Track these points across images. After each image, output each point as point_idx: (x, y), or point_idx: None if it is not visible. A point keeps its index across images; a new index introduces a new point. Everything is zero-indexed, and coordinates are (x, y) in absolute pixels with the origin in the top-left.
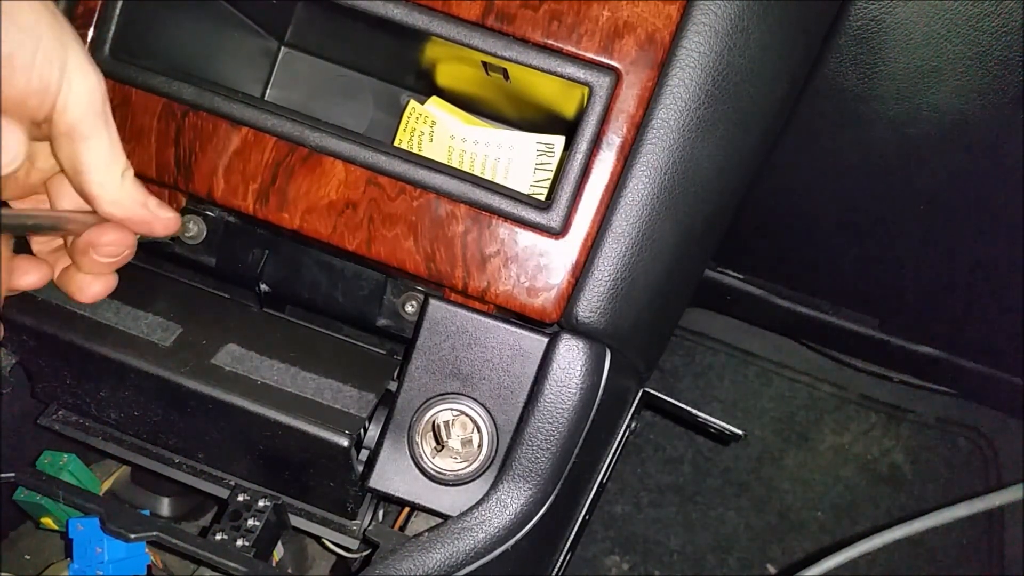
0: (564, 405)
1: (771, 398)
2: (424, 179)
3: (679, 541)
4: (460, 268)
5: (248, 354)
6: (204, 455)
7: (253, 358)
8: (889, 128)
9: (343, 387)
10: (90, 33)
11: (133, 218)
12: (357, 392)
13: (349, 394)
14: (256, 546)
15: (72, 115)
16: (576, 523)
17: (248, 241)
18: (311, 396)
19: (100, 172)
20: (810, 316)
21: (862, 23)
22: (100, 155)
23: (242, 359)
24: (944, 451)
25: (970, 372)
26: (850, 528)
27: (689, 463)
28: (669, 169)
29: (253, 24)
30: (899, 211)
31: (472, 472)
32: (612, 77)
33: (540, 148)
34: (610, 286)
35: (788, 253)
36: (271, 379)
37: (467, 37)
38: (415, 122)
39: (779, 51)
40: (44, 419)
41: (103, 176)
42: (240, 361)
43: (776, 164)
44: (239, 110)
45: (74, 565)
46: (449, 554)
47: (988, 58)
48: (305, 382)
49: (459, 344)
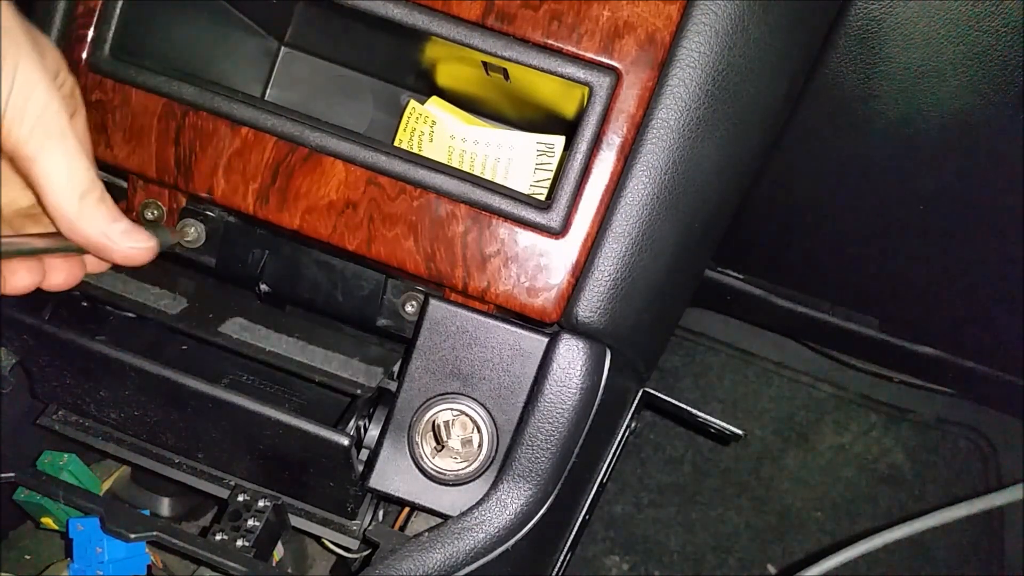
0: (564, 405)
1: (771, 398)
2: (424, 179)
3: (679, 541)
4: (460, 268)
5: (255, 326)
6: (204, 455)
7: (260, 329)
8: (889, 128)
9: (351, 360)
10: (90, 33)
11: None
12: (365, 366)
13: (357, 366)
14: (256, 546)
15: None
16: (576, 523)
17: (248, 241)
18: (320, 364)
19: (55, 194)
20: (810, 316)
21: (862, 23)
22: (54, 176)
23: (250, 328)
24: (944, 451)
25: (970, 372)
26: (850, 528)
27: (689, 463)
28: (669, 169)
29: (253, 24)
30: (899, 211)
31: (472, 472)
32: (612, 77)
33: (540, 148)
34: (610, 286)
35: (788, 253)
36: (280, 348)
37: (467, 37)
38: (415, 122)
39: (779, 51)
40: (44, 419)
41: (58, 198)
42: (248, 330)
43: (776, 164)
44: (239, 110)
45: (74, 565)
46: (449, 554)
47: (988, 58)
48: (314, 353)
49: (459, 344)
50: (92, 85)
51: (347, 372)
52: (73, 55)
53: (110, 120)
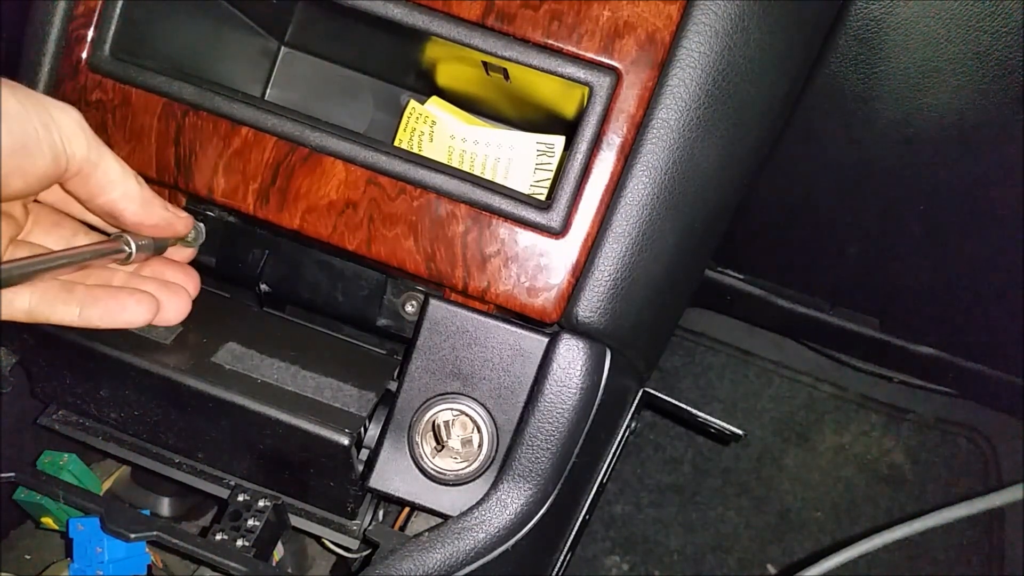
0: (564, 405)
1: (771, 398)
2: (424, 179)
3: (679, 541)
4: (460, 268)
5: (248, 352)
6: (204, 455)
7: (253, 356)
8: (889, 128)
9: (343, 386)
10: (90, 33)
11: (160, 223)
12: (357, 391)
13: (349, 393)
14: (256, 546)
15: (80, 155)
16: (576, 523)
17: (248, 241)
18: (311, 395)
19: (120, 185)
20: (810, 316)
21: (862, 23)
22: (115, 171)
23: (242, 357)
24: (944, 451)
25: (970, 372)
26: (850, 528)
27: (689, 463)
28: (669, 169)
29: (253, 24)
30: (899, 211)
31: (472, 472)
32: (612, 77)
33: (540, 148)
34: (610, 286)
35: (788, 253)
36: (271, 378)
37: (467, 37)
38: (415, 122)
39: (779, 51)
40: (44, 419)
41: (124, 187)
42: (240, 359)
43: (776, 164)
44: (239, 110)
45: (74, 565)
46: (449, 554)
47: (988, 58)
48: (305, 381)
49: (459, 344)
50: (92, 85)
51: (339, 403)
52: (73, 55)
53: (110, 120)
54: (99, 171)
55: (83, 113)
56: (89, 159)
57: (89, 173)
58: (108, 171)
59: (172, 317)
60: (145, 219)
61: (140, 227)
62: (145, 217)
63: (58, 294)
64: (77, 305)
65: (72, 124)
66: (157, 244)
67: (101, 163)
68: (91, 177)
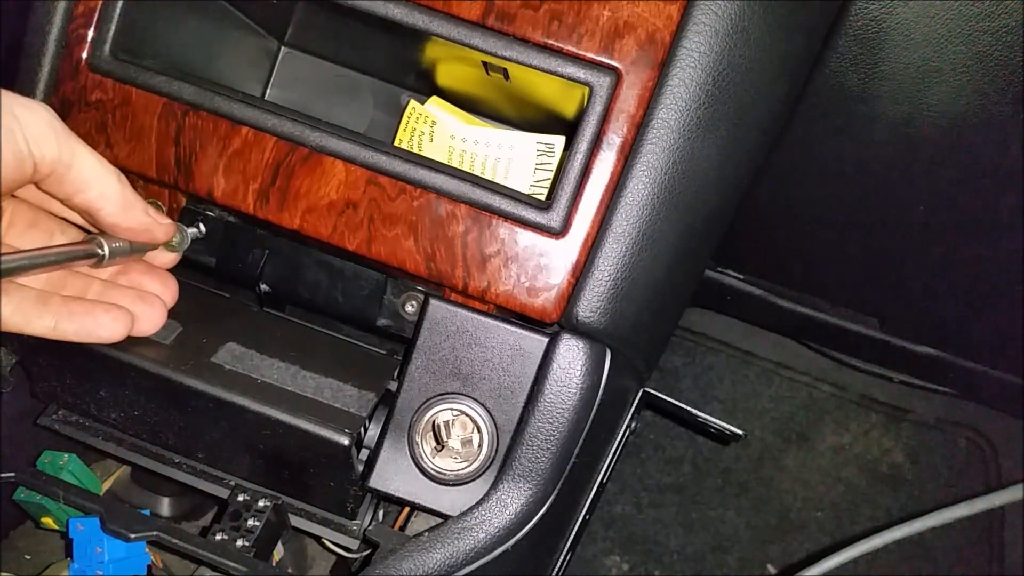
0: (564, 405)
1: (771, 398)
2: (424, 179)
3: (679, 541)
4: (460, 268)
5: (248, 352)
6: (204, 455)
7: (253, 357)
8: (889, 128)
9: (343, 386)
10: (90, 33)
11: (136, 227)
12: (357, 391)
13: (349, 393)
14: (256, 546)
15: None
16: (576, 523)
17: (248, 241)
18: (311, 395)
19: (96, 185)
20: (810, 316)
21: (862, 23)
22: (91, 171)
23: (242, 358)
24: (944, 451)
25: (970, 372)
26: (850, 528)
27: (689, 463)
28: (669, 169)
29: (253, 24)
30: (899, 211)
31: (472, 472)
32: (612, 77)
33: (540, 148)
34: (610, 286)
35: (788, 253)
36: (271, 378)
37: (467, 37)
38: (415, 122)
39: (779, 51)
40: (44, 419)
41: (100, 188)
42: (240, 360)
43: (776, 164)
44: (239, 110)
45: (74, 565)
46: (449, 554)
47: (988, 59)
48: (305, 381)
49: (459, 344)
50: (92, 85)
51: (339, 403)
52: (73, 55)
53: (110, 120)
54: (73, 171)
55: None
56: (61, 160)
57: (62, 174)
58: (83, 171)
59: (147, 329)
60: (122, 221)
61: (116, 229)
62: (122, 219)
63: (33, 305)
64: (52, 318)
65: (40, 124)
66: (134, 247)
67: (75, 163)
68: (65, 177)
